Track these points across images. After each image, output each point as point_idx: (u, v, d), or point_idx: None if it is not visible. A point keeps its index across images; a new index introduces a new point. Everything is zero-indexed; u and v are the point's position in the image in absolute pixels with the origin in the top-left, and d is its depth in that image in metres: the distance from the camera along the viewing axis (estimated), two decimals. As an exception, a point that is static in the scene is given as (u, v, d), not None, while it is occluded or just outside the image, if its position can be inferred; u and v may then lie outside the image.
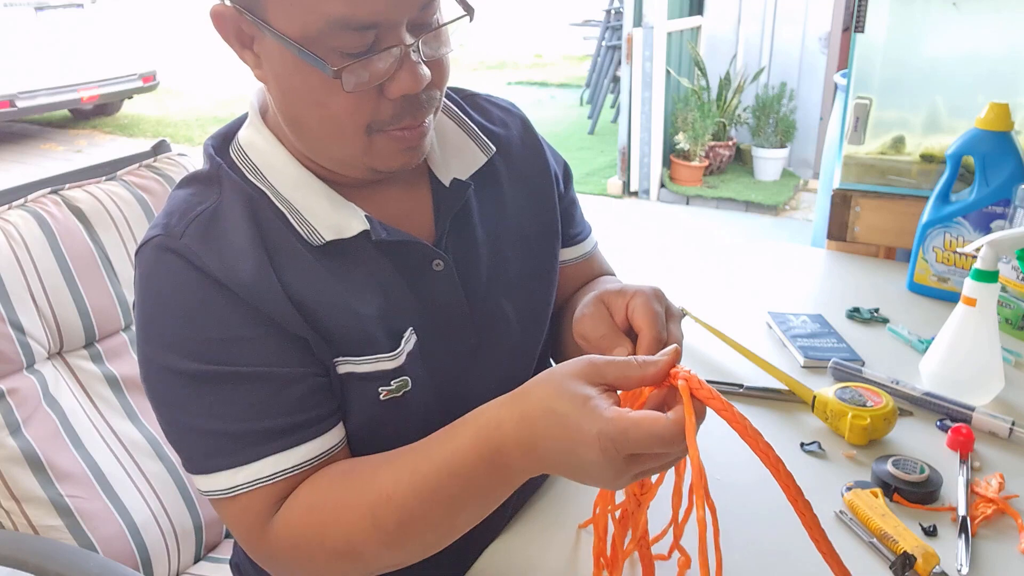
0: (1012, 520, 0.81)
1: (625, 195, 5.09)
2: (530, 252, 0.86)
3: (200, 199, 0.72)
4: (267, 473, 0.68)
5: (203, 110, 7.56)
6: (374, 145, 0.69)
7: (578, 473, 0.59)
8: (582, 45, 10.02)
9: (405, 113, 0.68)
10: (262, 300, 0.68)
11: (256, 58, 0.68)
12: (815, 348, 1.14)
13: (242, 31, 0.67)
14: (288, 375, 0.69)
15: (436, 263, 0.76)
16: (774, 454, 0.54)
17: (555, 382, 0.59)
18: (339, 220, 0.72)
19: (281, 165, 0.73)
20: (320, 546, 0.67)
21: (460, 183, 0.79)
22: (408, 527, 0.65)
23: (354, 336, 0.71)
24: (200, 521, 1.15)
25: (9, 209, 1.08)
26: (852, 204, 1.47)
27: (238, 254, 0.68)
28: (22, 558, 0.94)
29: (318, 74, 0.64)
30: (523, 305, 0.84)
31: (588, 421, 0.56)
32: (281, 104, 0.70)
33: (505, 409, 0.61)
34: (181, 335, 0.68)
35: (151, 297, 0.69)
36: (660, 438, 0.54)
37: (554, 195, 0.90)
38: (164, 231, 0.70)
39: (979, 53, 1.35)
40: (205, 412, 0.68)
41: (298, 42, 0.63)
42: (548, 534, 0.82)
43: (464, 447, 0.62)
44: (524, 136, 0.90)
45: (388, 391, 0.73)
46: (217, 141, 0.77)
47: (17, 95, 5.60)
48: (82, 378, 1.11)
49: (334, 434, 0.72)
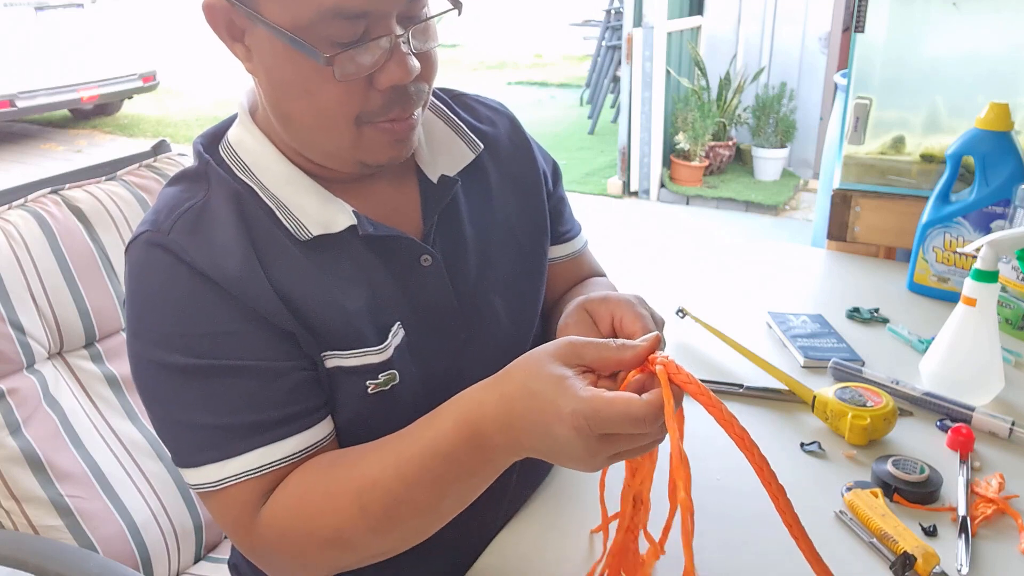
0: (1012, 520, 0.81)
1: (625, 195, 5.09)
2: (519, 249, 0.86)
3: (188, 195, 0.72)
4: (255, 465, 0.68)
5: (203, 110, 7.56)
6: (363, 137, 0.70)
7: (554, 453, 0.59)
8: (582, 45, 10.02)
9: (394, 104, 0.69)
10: (249, 295, 0.68)
11: (247, 51, 0.69)
12: (815, 348, 1.14)
13: (233, 23, 0.68)
14: (276, 368, 0.69)
15: (424, 258, 0.76)
16: (749, 439, 0.56)
17: (534, 363, 0.60)
18: (327, 216, 0.73)
19: (270, 162, 0.74)
20: (308, 535, 0.67)
21: (448, 179, 0.80)
22: (394, 512, 0.65)
23: (341, 330, 0.72)
24: (200, 521, 1.15)
25: (9, 209, 1.08)
26: (852, 204, 1.47)
27: (225, 249, 0.69)
28: (22, 558, 0.94)
29: (309, 63, 0.64)
30: (512, 302, 0.84)
31: (563, 399, 0.57)
32: (271, 96, 0.70)
33: (486, 391, 0.62)
34: (169, 330, 0.68)
35: (140, 292, 0.70)
36: (633, 418, 0.55)
37: (543, 193, 0.90)
38: (152, 227, 0.70)
39: (979, 53, 1.35)
40: (194, 406, 0.68)
41: (290, 31, 0.63)
42: (546, 534, 0.82)
43: (446, 428, 0.63)
44: (512, 134, 0.90)
45: (376, 385, 0.74)
46: (206, 139, 0.77)
47: (17, 95, 5.60)
48: (82, 378, 1.11)
49: (322, 427, 0.72)
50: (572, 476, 0.90)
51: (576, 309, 0.73)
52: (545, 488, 0.88)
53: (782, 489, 0.55)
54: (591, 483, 0.89)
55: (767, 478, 0.55)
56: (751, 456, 0.55)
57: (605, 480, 0.78)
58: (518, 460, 0.63)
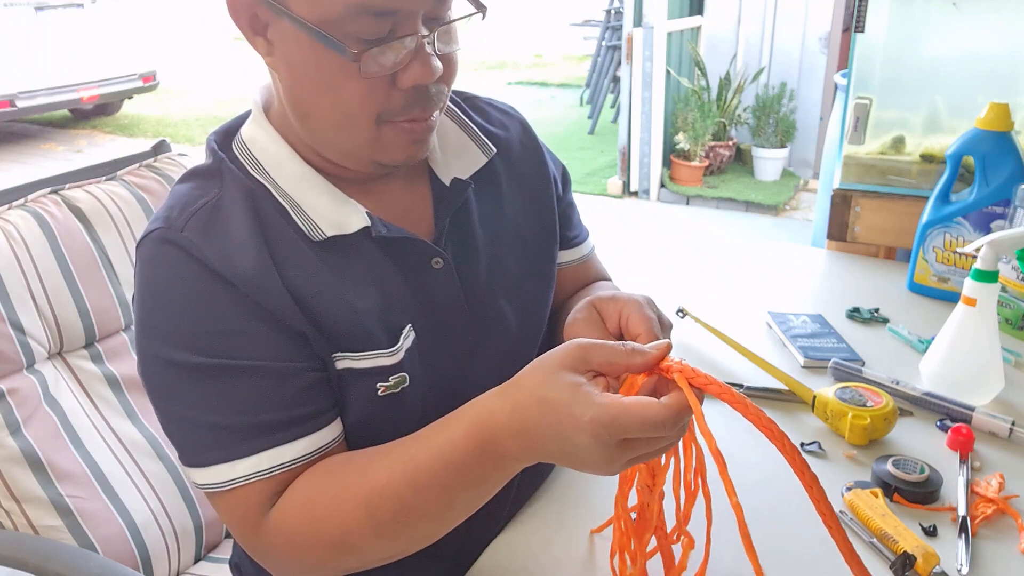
0: (1012, 520, 0.81)
1: (625, 195, 5.09)
2: (528, 253, 0.86)
3: (201, 193, 0.72)
4: (264, 467, 0.68)
5: (203, 110, 7.56)
6: (382, 136, 0.70)
7: (572, 460, 0.59)
8: (582, 45, 10.02)
9: (415, 104, 0.69)
10: (262, 294, 0.68)
11: (268, 45, 0.68)
12: (815, 348, 1.14)
13: (256, 17, 0.68)
14: (287, 369, 0.69)
15: (435, 261, 0.76)
16: (778, 429, 0.56)
17: (544, 370, 0.60)
18: (340, 216, 0.72)
19: (283, 160, 0.74)
20: (315, 538, 0.67)
21: (460, 182, 0.80)
22: (402, 517, 0.65)
23: (352, 332, 0.71)
24: (200, 521, 1.15)
25: (9, 209, 1.08)
26: (852, 204, 1.47)
27: (239, 248, 0.69)
28: (22, 558, 0.94)
29: (335, 59, 0.64)
30: (521, 305, 0.84)
31: (580, 407, 0.56)
32: (291, 92, 0.70)
33: (497, 399, 0.62)
34: (181, 327, 0.68)
35: (151, 289, 0.69)
36: (652, 423, 0.55)
37: (553, 197, 0.90)
38: (165, 223, 0.70)
39: (979, 53, 1.35)
40: (203, 405, 0.68)
41: (317, 26, 0.63)
42: (549, 533, 0.82)
43: (457, 437, 0.63)
44: (523, 139, 0.90)
45: (386, 387, 0.74)
46: (219, 136, 0.77)
47: (17, 95, 5.59)
48: (82, 378, 1.11)
49: (331, 429, 0.72)
50: (574, 476, 0.90)
51: (585, 306, 0.73)
52: (547, 488, 0.89)
53: (815, 478, 0.55)
54: (593, 483, 0.89)
55: (799, 467, 0.55)
56: (781, 446, 0.55)
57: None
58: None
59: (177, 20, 10.60)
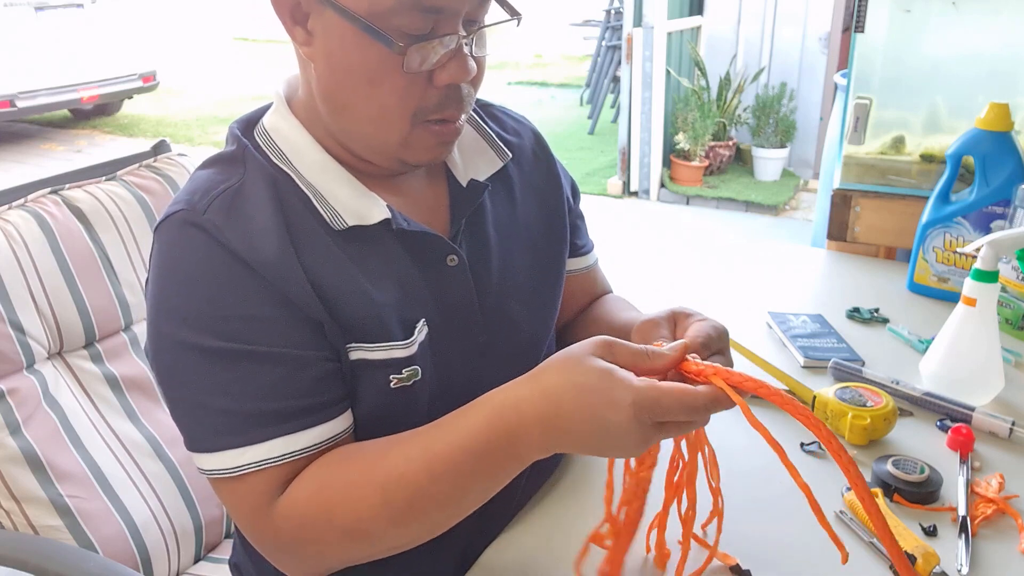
0: (1012, 520, 0.81)
1: (625, 195, 5.09)
2: (539, 257, 0.87)
3: (224, 177, 0.72)
4: (275, 454, 0.68)
5: (203, 110, 7.55)
6: (413, 135, 0.71)
7: (602, 442, 0.60)
8: (582, 45, 10.01)
9: (449, 103, 0.70)
10: (283, 280, 0.68)
11: (307, 35, 0.69)
12: (815, 348, 1.14)
13: (299, 6, 0.68)
14: (303, 358, 0.69)
15: (451, 258, 0.77)
16: (813, 416, 0.58)
17: (574, 359, 0.61)
18: (361, 207, 0.73)
19: (306, 150, 0.74)
20: (328, 524, 0.67)
21: (477, 184, 0.81)
22: (417, 504, 0.65)
23: (368, 322, 0.72)
24: (200, 521, 1.15)
25: (9, 209, 1.08)
26: (852, 204, 1.47)
27: (261, 233, 0.69)
28: (22, 558, 0.94)
29: (378, 51, 0.65)
30: (531, 307, 0.86)
31: (619, 390, 0.58)
32: (329, 83, 0.70)
33: (523, 388, 0.63)
34: (200, 310, 0.68)
35: (171, 271, 0.69)
36: (692, 406, 0.58)
37: (564, 205, 0.92)
38: (187, 206, 0.70)
39: (979, 53, 1.35)
40: (217, 389, 0.68)
41: (365, 18, 0.64)
42: (553, 528, 0.82)
43: (479, 425, 0.64)
44: (536, 148, 0.92)
45: (399, 380, 0.74)
46: (242, 125, 0.77)
47: (17, 95, 5.59)
48: (82, 378, 1.11)
49: (343, 420, 0.72)
50: (579, 471, 0.90)
51: (667, 311, 0.74)
52: (552, 483, 0.89)
53: (852, 461, 0.57)
54: (598, 478, 0.89)
55: (836, 450, 0.57)
56: (818, 432, 0.58)
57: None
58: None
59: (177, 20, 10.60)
